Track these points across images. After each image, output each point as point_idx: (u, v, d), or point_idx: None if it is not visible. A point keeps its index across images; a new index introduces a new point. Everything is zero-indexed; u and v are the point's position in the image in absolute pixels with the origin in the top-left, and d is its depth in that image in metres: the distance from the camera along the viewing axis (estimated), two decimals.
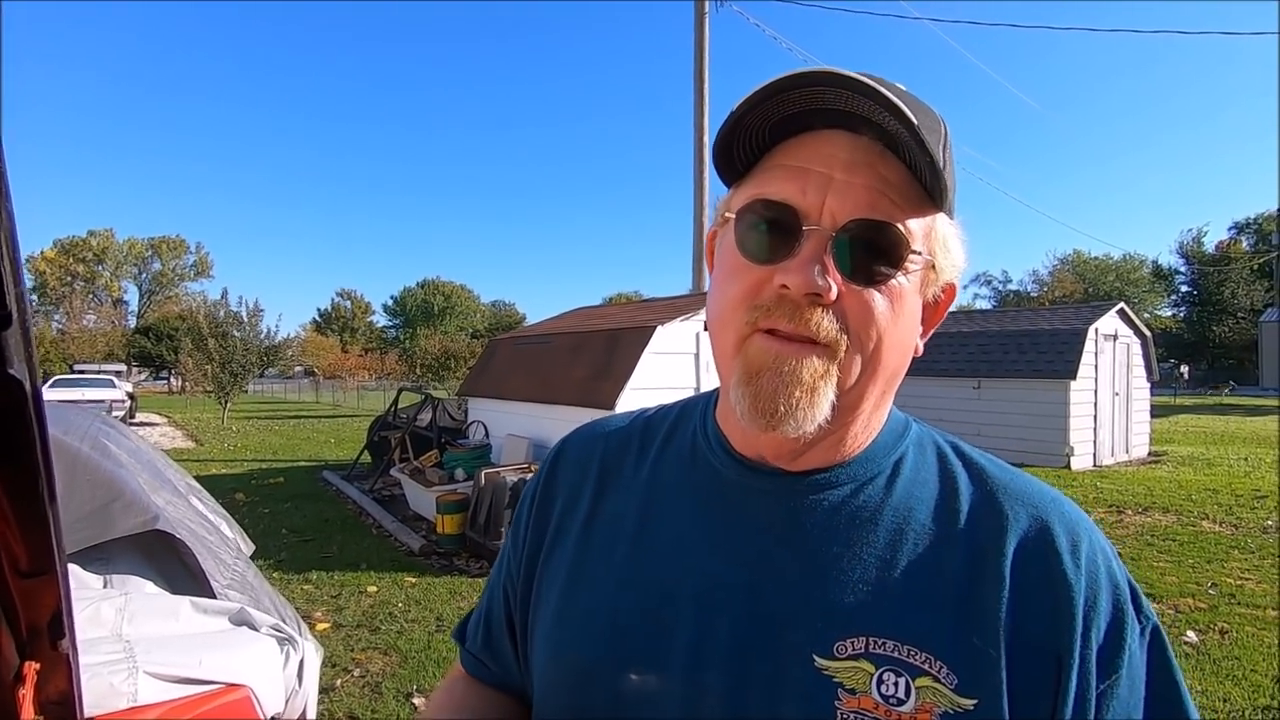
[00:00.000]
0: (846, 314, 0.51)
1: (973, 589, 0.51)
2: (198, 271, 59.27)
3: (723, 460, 0.61)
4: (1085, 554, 0.53)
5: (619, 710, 0.56)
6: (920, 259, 0.52)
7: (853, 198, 0.50)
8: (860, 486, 0.57)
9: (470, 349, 30.02)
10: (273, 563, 5.37)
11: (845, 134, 0.51)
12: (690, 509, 0.60)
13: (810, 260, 0.50)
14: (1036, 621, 0.50)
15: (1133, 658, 0.51)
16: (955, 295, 0.60)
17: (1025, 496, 0.56)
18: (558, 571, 0.64)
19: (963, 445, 0.61)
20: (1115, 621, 0.52)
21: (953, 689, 0.49)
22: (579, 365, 6.53)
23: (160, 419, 20.57)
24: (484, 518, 5.34)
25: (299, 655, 1.53)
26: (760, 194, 0.53)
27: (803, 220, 0.51)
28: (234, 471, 10.10)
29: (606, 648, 0.57)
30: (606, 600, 0.59)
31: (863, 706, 0.49)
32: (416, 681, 3.41)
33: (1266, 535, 5.86)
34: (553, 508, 0.68)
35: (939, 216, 0.54)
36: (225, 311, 19.28)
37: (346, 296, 70.35)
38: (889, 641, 0.50)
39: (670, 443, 0.66)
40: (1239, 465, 9.86)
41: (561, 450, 0.73)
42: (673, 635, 0.55)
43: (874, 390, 0.54)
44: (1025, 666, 0.49)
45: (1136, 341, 11.07)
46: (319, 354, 45.47)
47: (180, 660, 1.27)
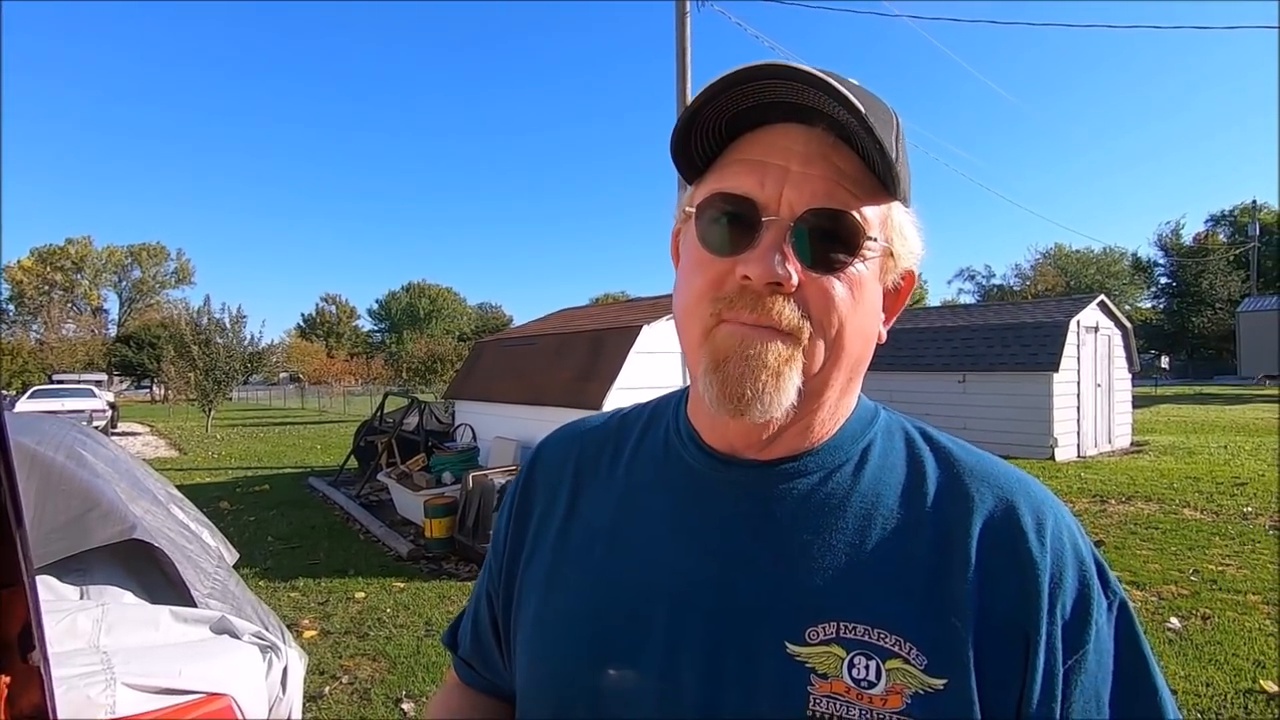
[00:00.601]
0: (808, 302, 0.52)
1: (941, 571, 0.52)
2: (179, 279, 58.55)
3: (694, 455, 0.61)
4: (1050, 532, 0.54)
5: (599, 710, 0.56)
6: (877, 246, 0.54)
7: (809, 188, 0.51)
8: (829, 474, 0.57)
9: (457, 352, 29.88)
10: (258, 571, 5.32)
11: (800, 126, 0.53)
12: (663, 506, 0.61)
13: (770, 250, 0.51)
14: (1004, 601, 0.51)
15: (1100, 633, 0.52)
16: (915, 282, 0.61)
17: (991, 478, 0.56)
18: (536, 575, 0.65)
19: (930, 430, 0.62)
20: (1081, 598, 0.52)
21: (923, 670, 0.49)
22: (565, 366, 6.52)
23: (143, 428, 20.31)
24: (472, 521, 5.31)
25: (282, 663, 1.52)
26: (719, 188, 0.54)
27: (761, 212, 0.52)
28: (218, 480, 10.00)
29: (584, 649, 0.58)
30: (583, 602, 0.60)
31: (834, 690, 0.50)
32: (405, 687, 3.39)
33: (1246, 522, 5.96)
34: (531, 512, 0.69)
35: (894, 205, 0.56)
36: (208, 318, 19.07)
37: (331, 301, 69.81)
38: (859, 626, 0.51)
39: (644, 441, 0.67)
40: (1219, 453, 10.01)
41: (538, 454, 0.73)
42: (648, 633, 0.56)
43: (838, 377, 0.55)
44: (994, 645, 0.50)
45: (1117, 333, 11.20)
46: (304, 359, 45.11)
47: (159, 670, 1.26)
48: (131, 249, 56.27)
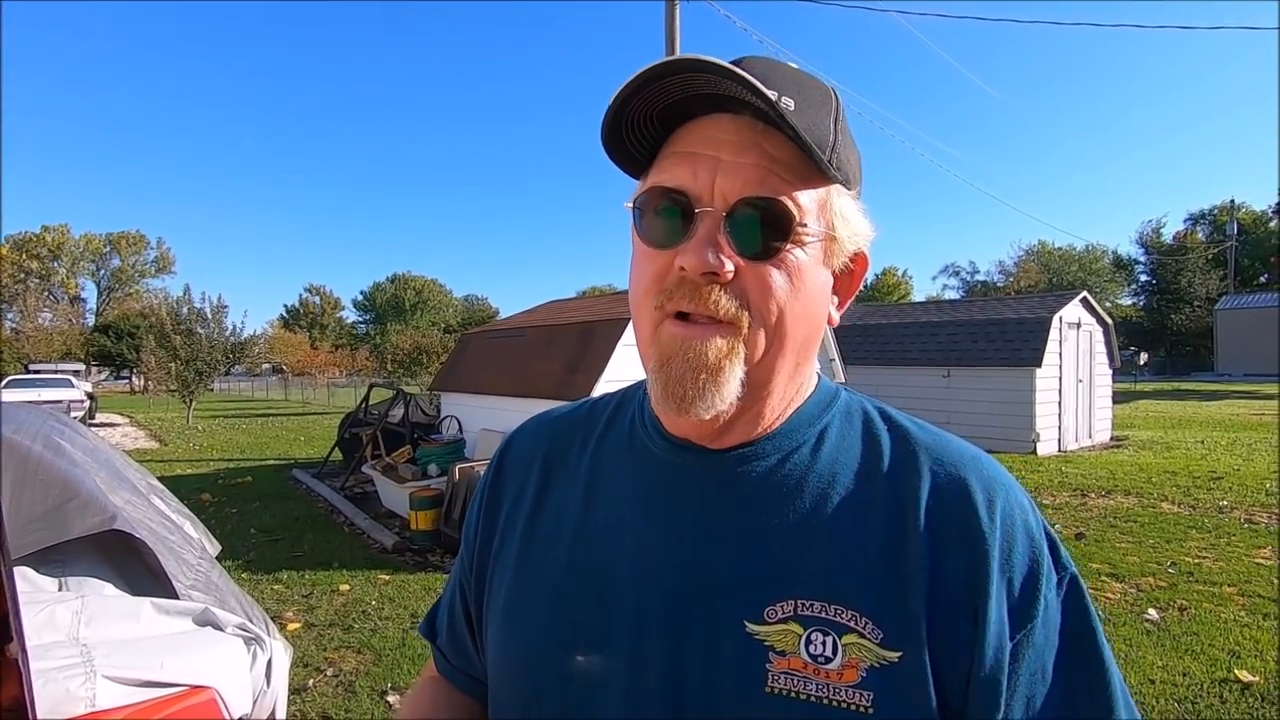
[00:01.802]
0: (746, 290, 0.53)
1: (894, 546, 0.53)
2: (159, 268, 57.60)
3: (657, 443, 0.62)
4: (1000, 508, 0.55)
5: (567, 692, 0.57)
6: (815, 230, 0.54)
7: (741, 176, 0.52)
8: (785, 456, 0.58)
9: (443, 344, 29.68)
10: (241, 563, 5.26)
11: (728, 116, 0.53)
12: (629, 492, 0.62)
13: (704, 241, 0.52)
14: (954, 574, 0.52)
15: (1048, 607, 0.53)
16: (868, 264, 0.61)
17: (944, 455, 0.57)
18: (506, 565, 0.66)
19: (890, 411, 0.63)
20: (1030, 573, 0.53)
21: (878, 643, 0.50)
22: (553, 358, 6.49)
23: (122, 419, 20.03)
24: (458, 513, 5.29)
25: (267, 655, 1.50)
26: (655, 182, 0.55)
27: (695, 203, 0.53)
28: (199, 472, 9.88)
29: (553, 634, 0.59)
30: (551, 588, 0.61)
31: (792, 667, 0.51)
32: (391, 679, 3.37)
33: (1222, 515, 6.07)
34: (501, 503, 0.70)
35: (834, 188, 0.56)
36: (189, 308, 18.79)
37: (315, 292, 69.07)
38: (816, 602, 0.52)
39: (611, 429, 0.68)
40: (1196, 448, 10.19)
41: (508, 445, 0.74)
42: (614, 617, 0.57)
43: (784, 363, 0.56)
44: (945, 618, 0.51)
45: (1099, 329, 11.35)
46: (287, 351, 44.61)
47: (141, 663, 1.23)
48: (110, 237, 55.28)
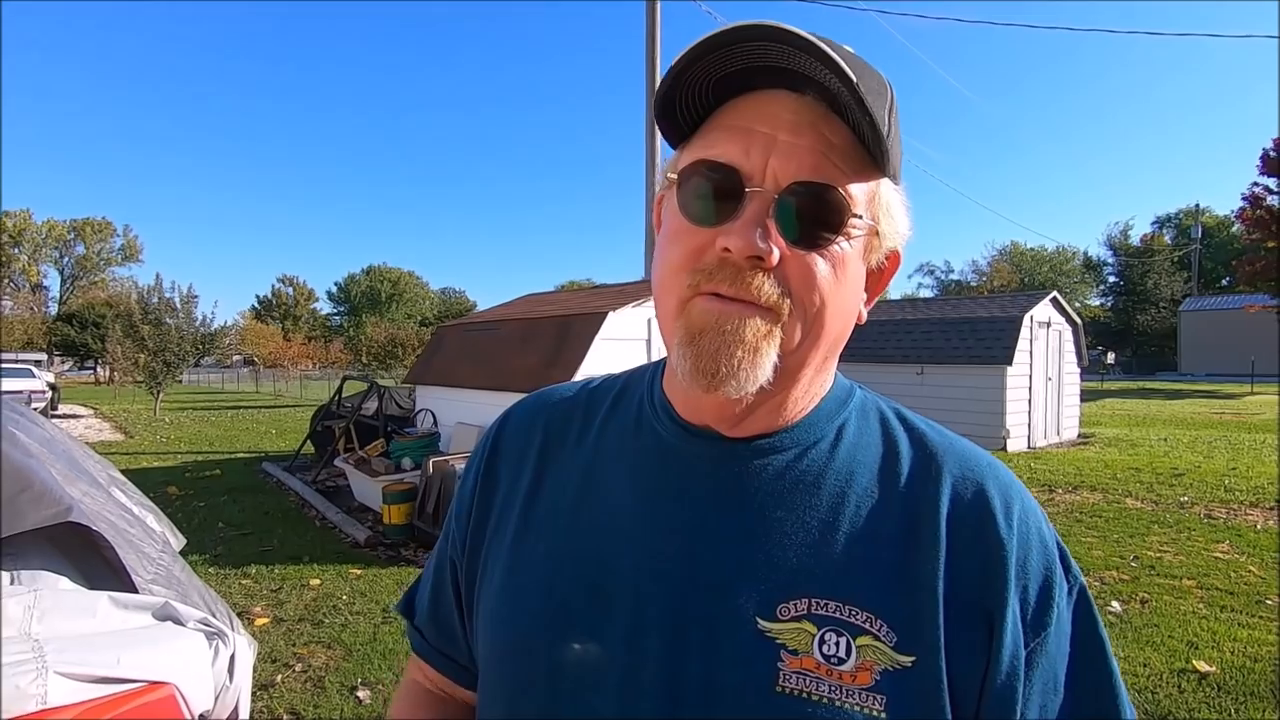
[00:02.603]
0: (789, 278, 0.50)
1: (911, 550, 0.52)
2: (126, 256, 56.18)
3: (667, 427, 0.60)
4: (1018, 516, 0.54)
5: (558, 682, 0.55)
6: (863, 224, 0.52)
7: (796, 159, 0.49)
8: (803, 451, 0.57)
9: (418, 337, 29.37)
10: (208, 558, 5.16)
11: (789, 93, 0.50)
12: (630, 478, 0.60)
13: (752, 223, 0.49)
14: (970, 581, 0.51)
15: (1060, 616, 0.53)
16: (899, 263, 0.59)
17: (962, 461, 0.57)
18: (501, 546, 0.63)
19: (905, 411, 0.62)
20: (1045, 581, 0.53)
21: (892, 646, 0.49)
22: (529, 352, 6.46)
23: (86, 410, 19.52)
24: (432, 507, 5.24)
25: (230, 650, 1.47)
26: (703, 155, 0.52)
27: (745, 182, 0.49)
28: (166, 464, 9.67)
29: (545, 621, 0.57)
30: (546, 574, 0.59)
31: (804, 666, 0.50)
32: (361, 674, 3.33)
33: (1183, 511, 6.23)
34: (497, 481, 0.67)
35: (883, 182, 0.53)
36: (159, 298, 18.36)
37: (288, 283, 67.85)
38: (831, 602, 0.51)
39: (615, 411, 0.65)
40: (1159, 446, 10.46)
41: (505, 422, 0.71)
42: (611, 606, 0.55)
43: (816, 355, 0.54)
44: (960, 624, 0.50)
45: (1068, 329, 11.58)
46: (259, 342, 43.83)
47: (96, 659, 1.20)
48: (74, 223, 53.76)
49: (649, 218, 10.36)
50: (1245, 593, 4.19)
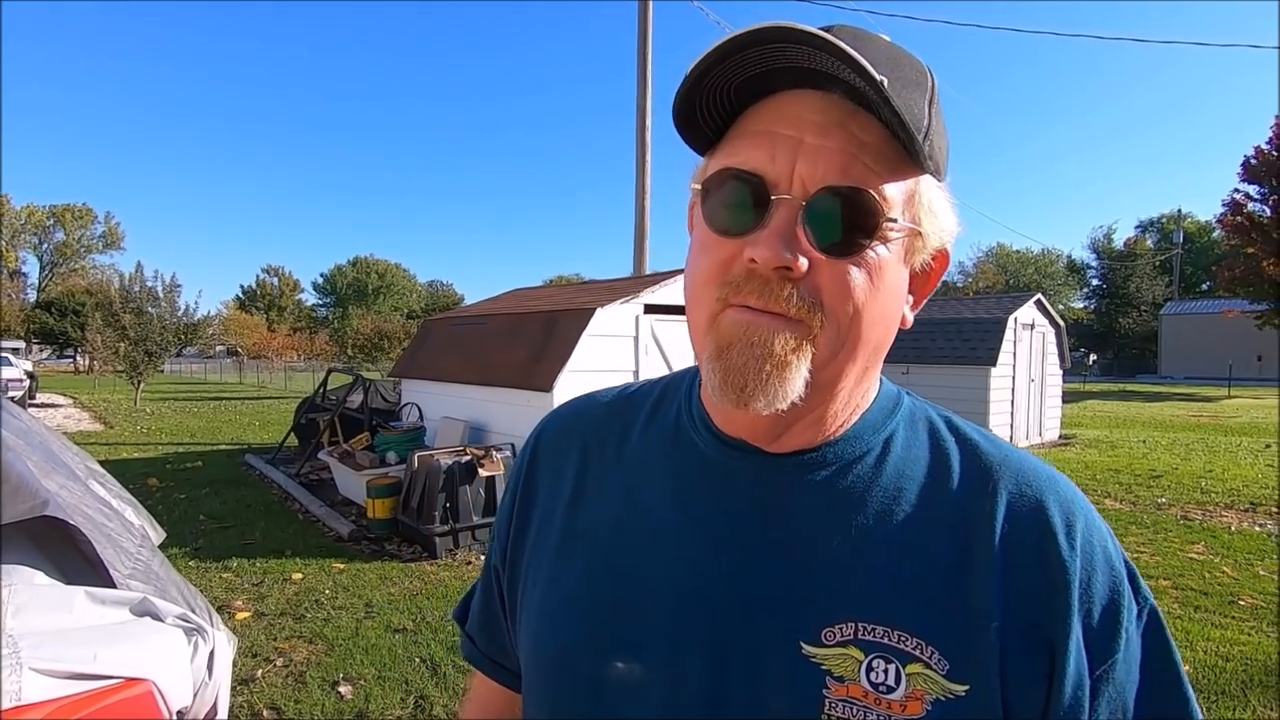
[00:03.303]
0: (820, 288, 0.48)
1: (964, 571, 0.50)
2: (107, 243, 55.31)
3: (705, 439, 0.58)
4: (1080, 534, 0.51)
5: (598, 699, 0.54)
6: (900, 226, 0.49)
7: (824, 162, 0.47)
8: (848, 466, 0.54)
9: (405, 329, 29.18)
10: (188, 551, 5.11)
11: (814, 93, 0.48)
12: (671, 491, 0.58)
13: (779, 232, 0.47)
14: (1030, 605, 0.49)
15: (1129, 641, 0.50)
16: (948, 262, 0.57)
17: (1019, 474, 0.53)
18: (541, 560, 0.63)
19: (956, 420, 0.59)
20: (1111, 604, 0.50)
21: (944, 675, 0.47)
22: (516, 347, 6.43)
23: (64, 400, 19.24)
24: (417, 501, 5.21)
25: (209, 646, 1.45)
26: (727, 163, 0.50)
27: (771, 189, 0.48)
28: (146, 455, 9.55)
29: (583, 636, 0.56)
30: (584, 590, 0.58)
31: (851, 695, 0.48)
32: (343, 669, 3.32)
33: (1160, 512, 6.33)
34: (536, 492, 0.66)
35: (923, 179, 0.51)
36: (140, 286, 18.10)
37: (273, 273, 67.09)
38: (878, 627, 0.49)
39: (654, 421, 0.64)
40: (1138, 447, 10.60)
41: (543, 431, 0.70)
42: (649, 624, 0.54)
43: (854, 367, 0.52)
44: (1019, 651, 0.48)
45: (1051, 331, 11.70)
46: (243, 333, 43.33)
47: (72, 654, 1.18)
48: (54, 209, 52.84)
49: (639, 213, 10.35)
50: (1219, 593, 4.26)
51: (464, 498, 5.17)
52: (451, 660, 3.40)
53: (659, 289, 6.45)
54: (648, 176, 10.28)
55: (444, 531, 5.07)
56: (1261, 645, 3.53)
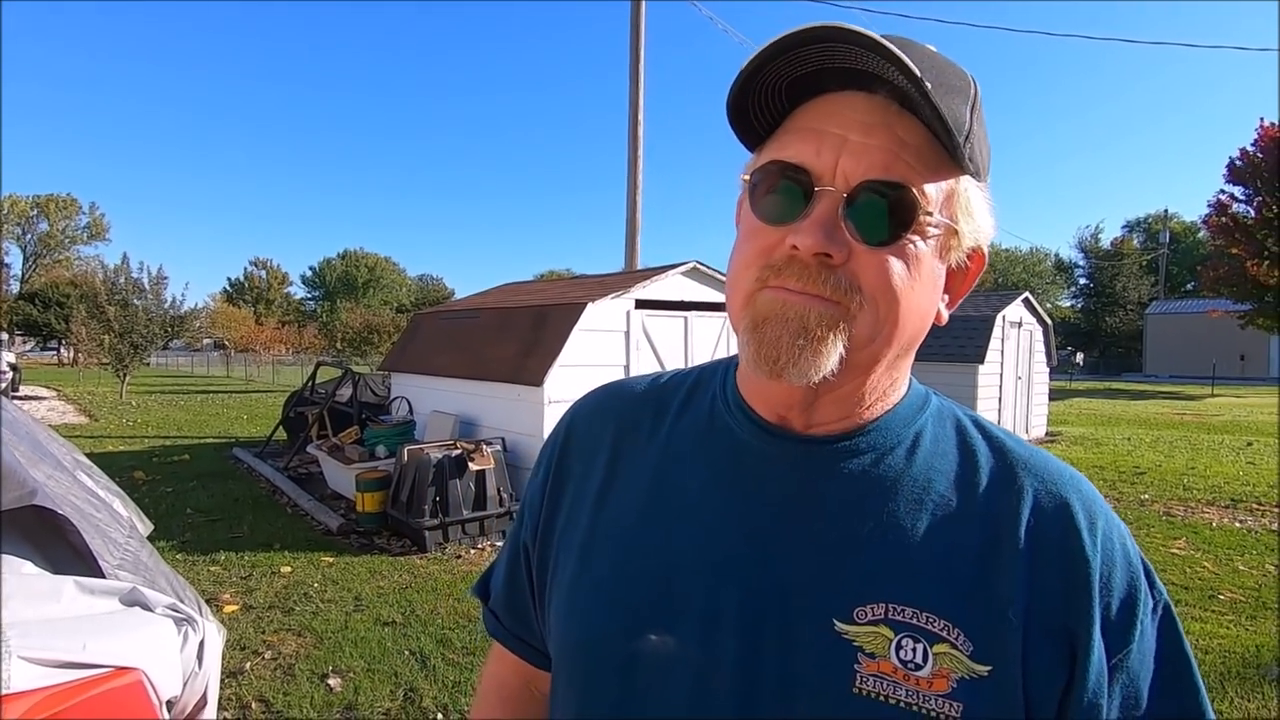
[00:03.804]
0: (858, 276, 0.50)
1: (991, 561, 0.52)
2: (91, 234, 54.63)
3: (741, 424, 0.60)
4: (1102, 531, 0.54)
5: (632, 677, 0.56)
6: (938, 222, 0.52)
7: (867, 159, 0.49)
8: (881, 456, 0.57)
9: (395, 323, 29.04)
10: (176, 544, 5.08)
11: (861, 94, 0.51)
12: (704, 475, 0.60)
13: (821, 221, 0.49)
14: (1053, 595, 0.51)
15: (1144, 633, 0.53)
16: (985, 261, 0.59)
17: (1045, 473, 0.56)
18: (572, 540, 0.64)
19: (983, 420, 0.62)
20: (1129, 598, 0.53)
21: (969, 655, 0.50)
22: (507, 341, 6.42)
23: (49, 392, 19.02)
24: (406, 495, 5.21)
25: (199, 636, 1.45)
26: (775, 156, 0.53)
27: (815, 181, 0.50)
28: (133, 449, 9.48)
29: (615, 620, 0.58)
30: (617, 570, 0.59)
31: (881, 670, 0.50)
32: (332, 662, 3.31)
33: (1143, 508, 6.42)
34: (568, 474, 0.68)
35: (962, 179, 0.53)
36: (126, 278, 17.89)
37: (261, 266, 66.47)
38: (908, 609, 0.51)
39: (688, 407, 0.66)
40: (1122, 445, 10.73)
41: (575, 415, 0.72)
42: (684, 604, 0.56)
43: (888, 354, 0.54)
44: (1041, 638, 0.50)
45: (1039, 329, 11.80)
46: (230, 326, 42.99)
47: (61, 644, 1.18)
48: (37, 200, 52.11)
49: (631, 208, 10.34)
50: (1199, 588, 4.33)
51: (454, 492, 5.17)
52: (441, 653, 3.41)
53: (650, 284, 6.46)
54: (640, 172, 10.28)
55: (434, 525, 5.06)
56: (1240, 638, 3.60)
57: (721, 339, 6.94)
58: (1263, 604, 4.06)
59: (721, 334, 6.95)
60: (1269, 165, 21.35)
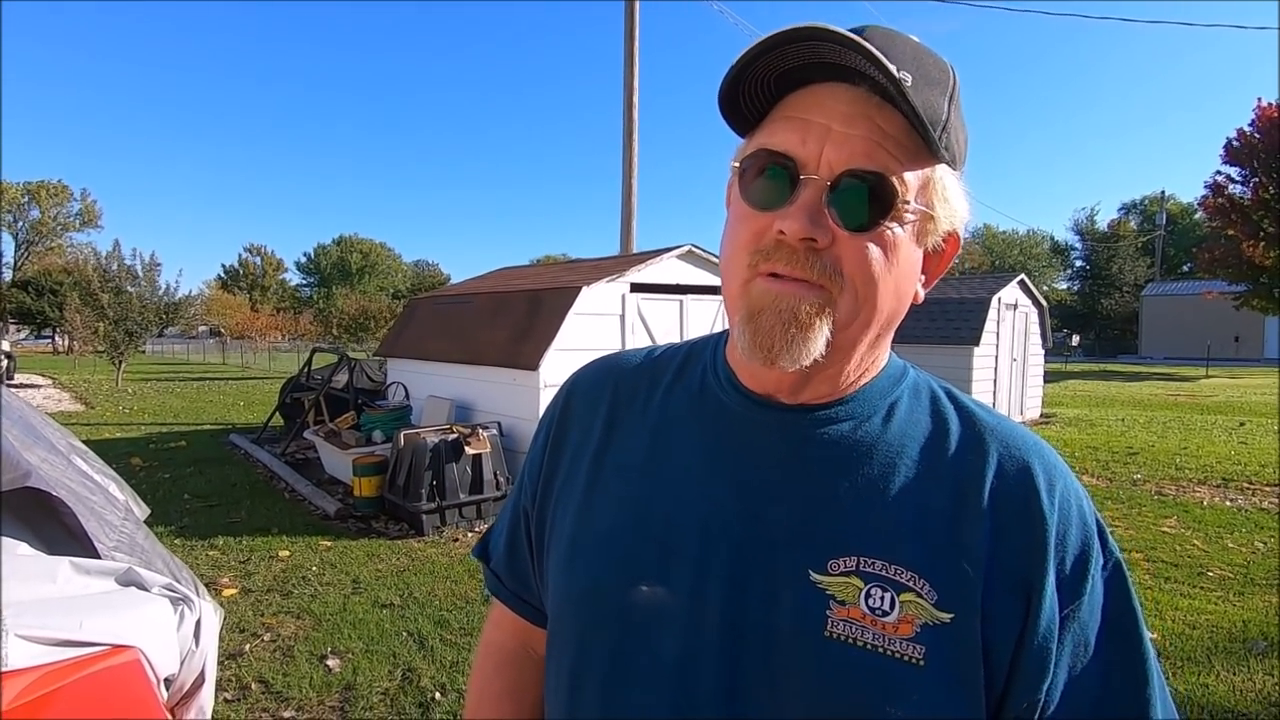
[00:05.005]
0: (841, 259, 0.54)
1: (956, 519, 0.56)
2: (84, 221, 54.02)
3: (730, 395, 0.64)
4: (1059, 493, 0.58)
5: (627, 623, 0.60)
6: (915, 209, 0.55)
7: (849, 148, 0.52)
8: (859, 423, 0.61)
9: (390, 309, 28.94)
10: (174, 529, 5.11)
11: (844, 86, 0.53)
12: (697, 440, 0.64)
13: (806, 208, 0.52)
14: (1012, 551, 0.55)
15: (1094, 586, 0.57)
16: (959, 244, 0.62)
17: (1010, 439, 0.60)
18: (570, 502, 0.68)
19: (955, 391, 0.66)
20: (1082, 554, 0.57)
21: (933, 604, 0.54)
22: (502, 326, 6.42)
23: (44, 380, 18.97)
24: (403, 479, 5.23)
25: (195, 615, 1.47)
26: (763, 144, 0.56)
27: (801, 169, 0.53)
28: (129, 435, 9.48)
29: (614, 569, 0.62)
30: (615, 525, 0.64)
31: (851, 616, 0.54)
32: (331, 644, 3.35)
33: (1135, 488, 6.48)
34: (566, 442, 0.72)
35: (939, 168, 0.56)
36: (119, 264, 17.78)
37: (256, 252, 66.09)
38: (878, 561, 0.55)
39: (680, 379, 0.70)
40: (1116, 426, 10.79)
41: (574, 384, 0.76)
42: (677, 556, 0.60)
43: (868, 333, 0.58)
44: (1000, 590, 0.54)
45: (1034, 311, 11.82)
46: (226, 313, 42.85)
47: (57, 622, 1.19)
48: (28, 186, 51.51)
49: (626, 192, 10.29)
50: (1189, 565, 4.39)
51: (450, 476, 5.19)
52: (439, 634, 3.44)
53: (645, 268, 6.45)
54: (635, 155, 10.22)
55: (431, 509, 5.09)
56: (1227, 614, 3.65)
57: (716, 322, 6.94)
58: (1250, 580, 4.12)
59: (716, 317, 6.95)
60: (1266, 146, 21.27)
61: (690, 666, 0.57)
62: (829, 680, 0.54)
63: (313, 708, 2.83)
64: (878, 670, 0.53)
